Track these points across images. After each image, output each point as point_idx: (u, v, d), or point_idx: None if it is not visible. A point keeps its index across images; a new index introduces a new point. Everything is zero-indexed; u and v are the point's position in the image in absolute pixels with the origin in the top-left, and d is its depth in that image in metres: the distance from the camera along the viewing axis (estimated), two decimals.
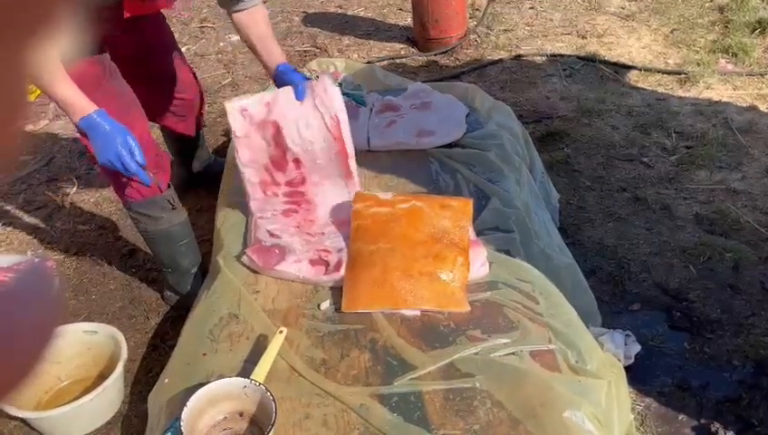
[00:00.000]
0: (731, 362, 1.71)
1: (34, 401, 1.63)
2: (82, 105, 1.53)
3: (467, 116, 2.26)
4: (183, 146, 2.46)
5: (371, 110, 2.30)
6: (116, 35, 1.78)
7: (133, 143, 1.57)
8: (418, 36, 3.68)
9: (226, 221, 1.88)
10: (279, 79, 1.81)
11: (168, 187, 1.90)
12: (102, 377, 1.66)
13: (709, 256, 2.03)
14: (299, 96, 1.76)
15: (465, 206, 1.69)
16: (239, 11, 1.77)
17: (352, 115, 2.28)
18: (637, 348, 1.71)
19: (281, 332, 1.43)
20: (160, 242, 1.95)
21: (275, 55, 1.82)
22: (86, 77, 1.61)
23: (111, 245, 2.34)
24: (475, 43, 3.67)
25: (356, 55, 3.68)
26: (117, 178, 1.80)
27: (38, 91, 3.37)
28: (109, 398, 1.64)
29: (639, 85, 3.05)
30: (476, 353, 1.42)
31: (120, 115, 1.63)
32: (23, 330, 0.19)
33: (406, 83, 2.63)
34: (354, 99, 2.38)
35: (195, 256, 2.04)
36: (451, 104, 2.26)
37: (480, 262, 1.62)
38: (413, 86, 2.43)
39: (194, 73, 2.29)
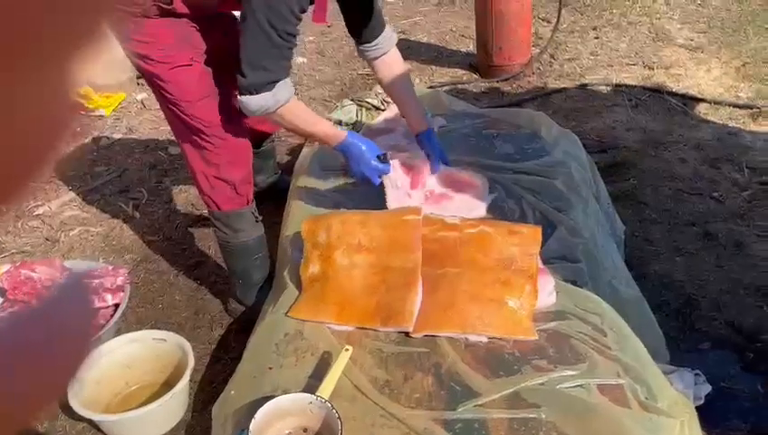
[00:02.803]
0: None
1: (103, 403, 1.68)
2: (336, 133, 1.81)
3: (533, 142, 2.25)
4: (255, 157, 2.53)
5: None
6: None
7: (376, 157, 1.82)
8: (481, 63, 3.70)
9: (292, 238, 1.91)
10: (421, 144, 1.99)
11: (254, 199, 1.98)
12: (168, 384, 1.70)
13: None
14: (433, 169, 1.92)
15: (534, 233, 1.67)
16: (372, 58, 1.98)
17: None
18: (707, 388, 1.65)
19: (346, 350, 1.44)
20: (238, 254, 2.01)
21: (414, 119, 1.99)
22: (201, 84, 1.77)
23: (179, 256, 2.41)
24: (539, 71, 3.67)
25: (418, 80, 3.72)
26: (208, 185, 1.87)
27: (114, 105, 3.53)
28: (175, 405, 1.68)
29: (709, 118, 2.98)
30: (542, 384, 1.40)
31: (227, 121, 1.81)
32: (56, 346, 0.20)
33: (471, 109, 2.64)
34: None
35: (266, 270, 2.10)
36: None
37: (548, 291, 1.61)
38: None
39: None
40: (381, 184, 1.84)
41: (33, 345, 0.19)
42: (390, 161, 1.86)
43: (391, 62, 2.00)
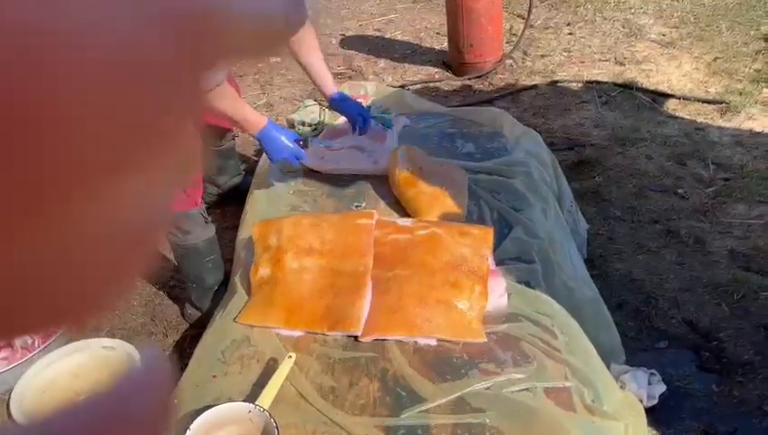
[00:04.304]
0: (762, 407, 1.63)
1: None
2: (258, 120, 1.84)
3: (494, 141, 2.24)
4: (216, 156, 2.51)
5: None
6: None
7: (294, 141, 1.92)
8: (453, 60, 3.68)
9: (246, 241, 1.89)
10: (335, 106, 2.12)
11: (201, 201, 1.98)
12: None
13: (743, 293, 1.95)
14: (356, 130, 2.07)
15: (485, 234, 1.66)
16: None
17: (380, 138, 2.29)
18: (661, 388, 1.64)
19: (289, 357, 1.42)
20: (189, 257, 2.00)
21: (326, 84, 2.09)
22: None
23: None
24: (511, 68, 3.65)
25: (390, 78, 3.70)
26: None
27: None
28: None
29: (677, 114, 2.97)
30: (488, 388, 1.38)
31: None
32: (132, 425, 0.18)
33: (436, 108, 2.62)
34: (382, 122, 2.39)
35: (219, 274, 2.08)
36: None
37: (499, 292, 1.59)
38: None
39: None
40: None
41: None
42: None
43: (302, 37, 2.04)
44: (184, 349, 1.97)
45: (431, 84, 3.58)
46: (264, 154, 2.39)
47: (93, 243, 0.15)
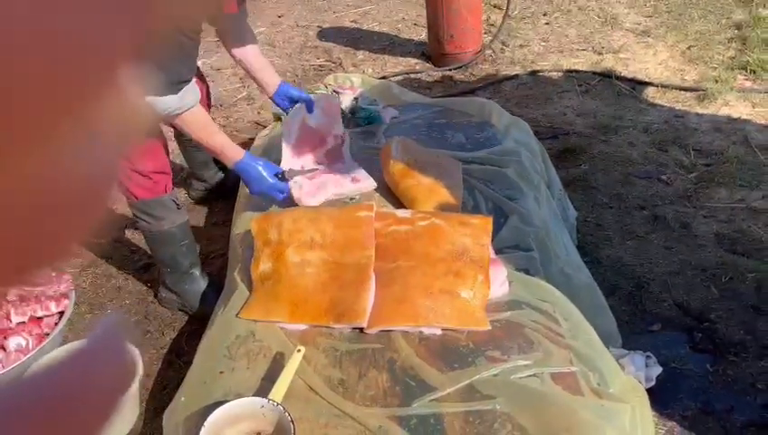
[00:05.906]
0: (755, 385, 1.68)
1: None
2: (235, 151, 1.79)
3: (484, 131, 2.25)
4: (197, 152, 2.48)
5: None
6: None
7: (274, 175, 1.84)
8: (433, 51, 3.69)
9: (243, 236, 1.87)
10: (281, 96, 2.21)
11: (173, 187, 1.98)
12: None
13: (731, 275, 2.00)
14: (310, 110, 2.01)
15: (484, 223, 1.67)
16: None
17: (370, 135, 2.28)
18: (658, 370, 1.68)
19: (299, 350, 1.42)
20: (163, 242, 2.00)
21: (271, 80, 2.22)
22: None
23: (127, 258, 2.34)
24: (491, 58, 3.67)
25: (371, 70, 3.69)
26: (125, 176, 1.85)
27: None
28: (123, 414, 1.63)
29: (657, 102, 3.03)
30: (496, 375, 1.40)
31: None
32: (91, 391, 0.18)
33: (422, 99, 2.63)
34: (370, 113, 2.39)
35: (194, 257, 2.09)
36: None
37: (500, 281, 1.61)
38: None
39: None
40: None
41: (52, 402, 0.17)
42: (294, 178, 1.90)
43: (244, 32, 2.15)
44: (182, 346, 1.95)
45: (412, 75, 3.58)
46: (250, 148, 2.37)
47: (41, 187, 0.15)
